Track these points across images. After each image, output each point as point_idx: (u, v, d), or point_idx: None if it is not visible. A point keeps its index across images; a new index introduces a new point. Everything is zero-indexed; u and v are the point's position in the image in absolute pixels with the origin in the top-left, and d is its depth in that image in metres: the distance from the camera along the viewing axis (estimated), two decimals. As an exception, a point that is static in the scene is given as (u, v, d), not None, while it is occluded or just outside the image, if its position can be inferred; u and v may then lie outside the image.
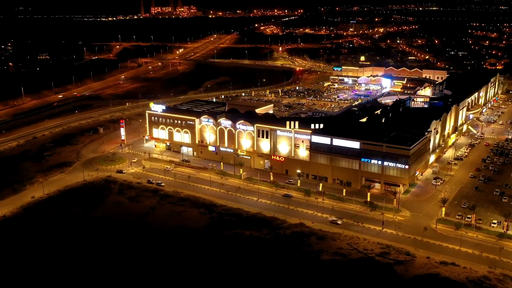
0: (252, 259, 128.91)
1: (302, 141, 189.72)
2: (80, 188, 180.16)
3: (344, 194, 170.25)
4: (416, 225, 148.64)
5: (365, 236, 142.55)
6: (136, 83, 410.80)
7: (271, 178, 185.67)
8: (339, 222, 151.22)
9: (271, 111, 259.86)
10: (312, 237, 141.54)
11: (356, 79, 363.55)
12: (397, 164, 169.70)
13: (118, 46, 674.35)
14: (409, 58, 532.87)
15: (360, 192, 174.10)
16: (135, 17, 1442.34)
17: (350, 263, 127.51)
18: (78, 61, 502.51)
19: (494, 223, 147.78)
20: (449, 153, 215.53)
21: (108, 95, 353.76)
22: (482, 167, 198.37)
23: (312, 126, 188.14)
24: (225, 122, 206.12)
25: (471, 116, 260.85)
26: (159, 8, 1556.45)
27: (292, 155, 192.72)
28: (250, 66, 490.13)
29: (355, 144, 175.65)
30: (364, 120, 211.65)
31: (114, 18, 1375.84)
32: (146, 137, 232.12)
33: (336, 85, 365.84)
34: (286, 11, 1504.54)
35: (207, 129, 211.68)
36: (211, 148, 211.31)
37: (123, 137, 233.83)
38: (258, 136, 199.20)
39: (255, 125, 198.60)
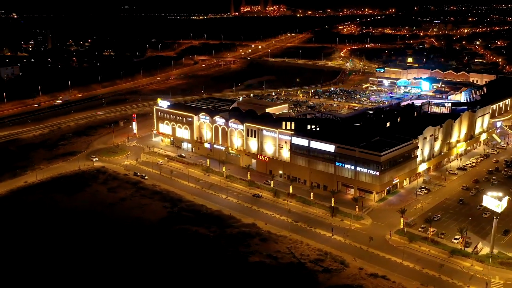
0: (180, 255, 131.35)
1: (286, 142, 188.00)
2: (72, 176, 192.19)
3: (311, 198, 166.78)
4: (371, 234, 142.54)
5: (310, 241, 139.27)
6: (183, 79, 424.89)
7: (249, 177, 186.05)
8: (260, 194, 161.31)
9: (285, 111, 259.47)
10: (255, 238, 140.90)
11: (395, 81, 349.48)
12: (368, 170, 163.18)
13: (188, 44, 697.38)
14: (475, 60, 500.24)
15: (336, 196, 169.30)
16: (225, 15, 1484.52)
17: (276, 267, 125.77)
18: (138, 57, 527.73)
19: (456, 239, 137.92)
20: (456, 162, 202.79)
21: (149, 91, 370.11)
22: (483, 179, 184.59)
23: (284, 125, 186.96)
24: (220, 120, 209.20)
25: (498, 123, 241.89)
26: (249, 7, 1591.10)
27: (276, 155, 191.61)
28: (301, 66, 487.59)
29: (330, 148, 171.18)
30: (370, 123, 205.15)
31: (205, 17, 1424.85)
32: (154, 132, 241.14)
33: (375, 87, 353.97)
34: (377, 10, 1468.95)
35: (205, 126, 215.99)
36: (207, 145, 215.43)
37: (135, 131, 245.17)
38: (247, 135, 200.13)
39: (244, 124, 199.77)
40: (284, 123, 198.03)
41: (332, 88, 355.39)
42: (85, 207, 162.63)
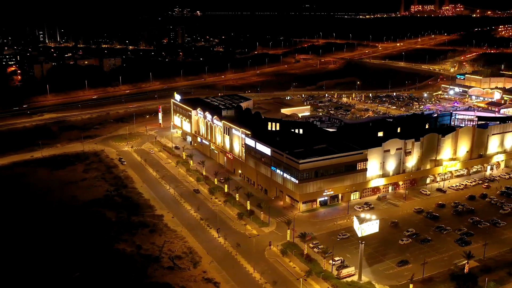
0: (60, 232, 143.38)
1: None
2: (70, 155, 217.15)
3: (237, 199, 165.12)
4: (262, 241, 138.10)
5: (191, 239, 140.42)
6: (265, 77, 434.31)
7: (204, 173, 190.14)
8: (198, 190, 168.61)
9: (307, 113, 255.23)
10: (146, 229, 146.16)
11: (466, 89, 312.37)
12: (291, 178, 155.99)
13: (310, 42, 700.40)
14: None
15: (273, 201, 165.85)
16: (393, 15, 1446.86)
17: (128, 256, 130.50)
18: (242, 54, 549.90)
19: (337, 259, 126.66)
20: (447, 182, 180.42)
21: (223, 86, 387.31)
22: (452, 203, 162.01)
23: (269, 126, 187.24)
24: (208, 116, 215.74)
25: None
26: (420, 6, 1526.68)
27: (240, 155, 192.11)
28: (398, 69, 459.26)
29: (268, 151, 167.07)
30: (348, 130, 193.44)
31: (371, 16, 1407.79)
32: (172, 124, 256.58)
33: (446, 95, 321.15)
34: None
35: (200, 121, 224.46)
36: (199, 139, 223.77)
37: (160, 121, 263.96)
38: (224, 132, 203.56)
39: (222, 122, 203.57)
40: (269, 124, 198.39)
41: (394, 94, 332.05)
42: (46, 182, 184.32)
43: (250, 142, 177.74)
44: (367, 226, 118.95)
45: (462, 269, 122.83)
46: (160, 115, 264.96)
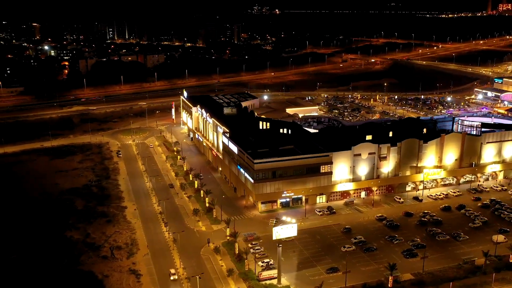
0: (22, 216, 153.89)
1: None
2: (76, 146, 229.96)
3: (202, 196, 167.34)
4: (202, 238, 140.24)
5: (140, 232, 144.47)
6: (301, 76, 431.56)
7: (185, 168, 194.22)
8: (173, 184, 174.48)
9: (314, 113, 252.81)
10: (104, 219, 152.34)
11: (499, 94, 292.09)
12: (249, 177, 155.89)
13: (369, 42, 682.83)
14: None
15: (239, 199, 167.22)
16: (478, 14, 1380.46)
17: (73, 242, 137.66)
18: (289, 53, 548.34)
19: (265, 261, 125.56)
20: (431, 191, 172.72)
21: (255, 84, 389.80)
22: (421, 213, 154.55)
23: (260, 125, 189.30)
24: (205, 114, 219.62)
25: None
26: (510, 5, 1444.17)
27: (221, 152, 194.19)
28: (447, 71, 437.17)
29: (236, 150, 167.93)
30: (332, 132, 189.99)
31: (455, 15, 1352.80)
32: (181, 120, 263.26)
33: (478, 99, 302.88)
34: None
35: (199, 118, 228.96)
36: (197, 135, 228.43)
37: (173, 117, 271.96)
38: (213, 130, 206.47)
39: (212, 119, 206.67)
40: (261, 123, 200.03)
41: (422, 96, 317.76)
42: (41, 170, 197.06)
43: (225, 140, 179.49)
44: (282, 230, 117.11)
45: (397, 281, 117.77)
46: (173, 111, 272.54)
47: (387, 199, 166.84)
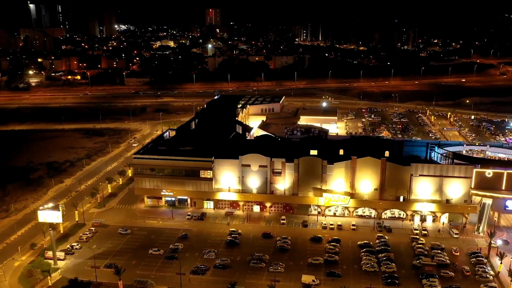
0: None
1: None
2: (112, 129, 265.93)
3: (120, 182, 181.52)
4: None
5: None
6: (424, 87, 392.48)
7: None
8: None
9: (332, 124, 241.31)
10: (31, 186, 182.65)
11: None
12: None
13: None
14: None
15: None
16: None
17: None
18: (441, 61, 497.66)
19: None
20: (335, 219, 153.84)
21: (358, 92, 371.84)
22: (327, 245, 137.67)
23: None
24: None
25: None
26: None
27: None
28: None
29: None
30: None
31: None
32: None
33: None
34: None
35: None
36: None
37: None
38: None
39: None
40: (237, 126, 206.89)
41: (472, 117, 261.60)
42: (57, 145, 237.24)
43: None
44: (48, 213, 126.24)
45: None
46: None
47: (278, 217, 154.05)
